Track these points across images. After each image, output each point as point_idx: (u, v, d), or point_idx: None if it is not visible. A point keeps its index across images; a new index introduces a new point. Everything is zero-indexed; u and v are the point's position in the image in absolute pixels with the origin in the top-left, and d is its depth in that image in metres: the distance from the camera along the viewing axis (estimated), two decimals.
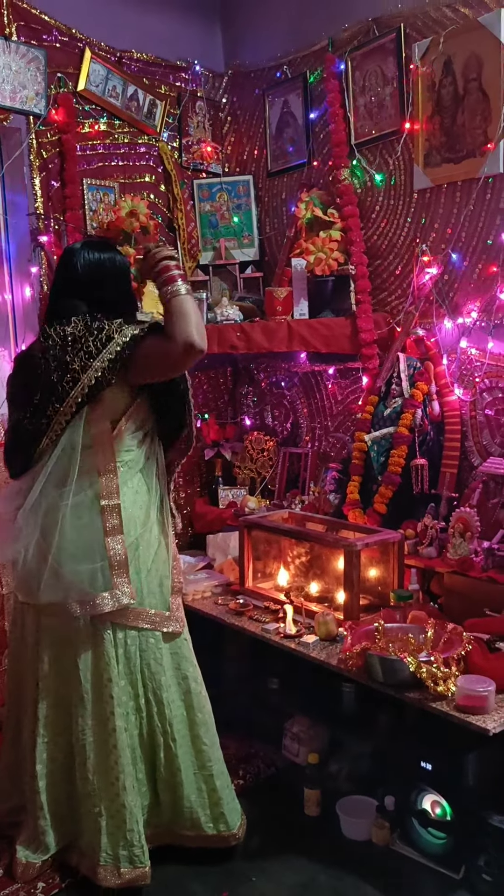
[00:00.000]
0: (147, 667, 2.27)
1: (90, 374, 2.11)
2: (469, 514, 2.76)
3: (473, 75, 2.90)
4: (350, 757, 2.71)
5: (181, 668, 2.34)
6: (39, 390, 2.16)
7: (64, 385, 2.13)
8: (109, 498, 2.20)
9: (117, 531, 2.20)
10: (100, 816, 2.20)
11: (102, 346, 2.11)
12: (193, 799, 2.31)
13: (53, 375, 2.14)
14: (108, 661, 2.20)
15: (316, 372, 3.71)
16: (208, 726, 2.37)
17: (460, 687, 2.16)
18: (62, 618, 2.22)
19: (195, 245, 3.88)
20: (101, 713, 2.20)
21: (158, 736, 2.28)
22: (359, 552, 2.71)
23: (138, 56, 3.71)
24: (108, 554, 2.19)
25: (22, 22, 3.27)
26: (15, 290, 3.43)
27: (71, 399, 2.13)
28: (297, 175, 3.73)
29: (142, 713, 2.27)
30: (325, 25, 3.45)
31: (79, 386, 2.12)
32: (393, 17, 3.16)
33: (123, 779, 2.19)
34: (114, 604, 2.18)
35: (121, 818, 2.19)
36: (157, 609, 2.29)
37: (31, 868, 2.27)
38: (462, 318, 3.01)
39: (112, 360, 2.11)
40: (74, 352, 2.12)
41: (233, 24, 4.01)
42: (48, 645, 2.25)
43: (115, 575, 2.19)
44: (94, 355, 2.11)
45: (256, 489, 3.80)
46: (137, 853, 2.19)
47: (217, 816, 2.34)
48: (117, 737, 2.19)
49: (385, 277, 3.35)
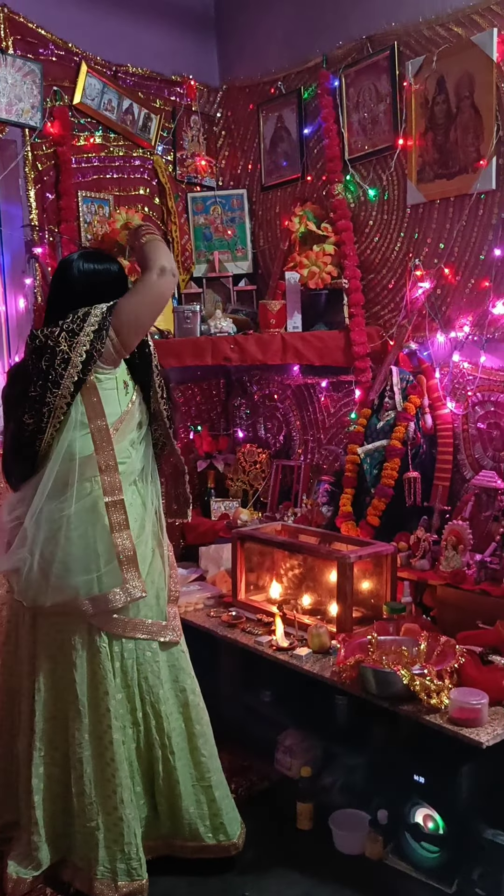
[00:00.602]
0: (144, 679, 2.26)
1: (79, 349, 2.14)
2: (461, 526, 2.77)
3: (466, 93, 2.93)
4: (343, 770, 2.70)
5: (179, 679, 2.34)
6: (33, 382, 2.16)
7: (56, 368, 2.13)
8: (113, 494, 2.19)
9: (124, 526, 2.19)
10: (97, 830, 2.18)
11: (82, 321, 2.16)
12: (192, 811, 2.30)
13: (43, 363, 2.15)
14: (105, 673, 2.19)
15: (309, 384, 3.73)
16: (207, 738, 2.36)
17: (453, 700, 2.16)
18: (59, 629, 2.21)
19: (189, 257, 3.90)
20: (98, 726, 2.19)
21: (157, 749, 2.27)
22: (352, 564, 2.71)
23: (134, 70, 3.74)
24: (116, 550, 2.18)
25: (18, 35, 3.29)
26: (9, 301, 3.44)
27: (66, 380, 2.14)
28: (290, 189, 3.76)
29: (139, 726, 2.26)
30: (319, 42, 3.49)
31: (71, 364, 2.13)
32: (387, 34, 3.21)
33: (121, 792, 2.17)
34: (126, 598, 2.17)
35: (118, 831, 2.17)
36: (153, 619, 2.29)
37: (23, 884, 2.24)
38: (454, 332, 3.03)
39: (96, 331, 2.15)
40: (59, 337, 2.15)
41: (228, 40, 4.05)
42: (45, 658, 2.23)
43: (125, 570, 2.18)
44: (76, 332, 2.15)
45: (249, 501, 3.80)
46: (135, 866, 2.18)
47: (217, 827, 2.33)
48: (114, 750, 2.17)
49: (378, 291, 3.38)
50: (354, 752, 2.69)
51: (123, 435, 2.26)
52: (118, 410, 2.26)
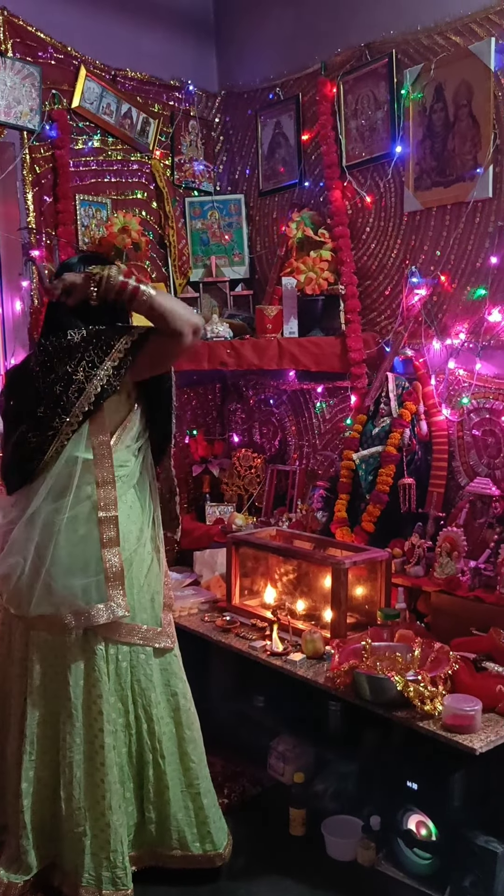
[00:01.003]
0: (137, 683, 2.25)
1: (95, 382, 2.12)
2: (456, 533, 2.78)
3: (464, 102, 2.95)
4: (336, 776, 2.70)
5: (171, 684, 2.33)
6: (42, 403, 2.16)
7: (69, 396, 2.13)
8: (107, 510, 2.19)
9: (114, 543, 2.19)
10: (84, 836, 2.17)
11: (104, 353, 2.13)
12: (180, 818, 2.29)
13: (56, 387, 2.14)
14: (100, 676, 2.18)
15: (304, 390, 3.73)
16: (196, 744, 2.35)
17: (447, 706, 2.16)
18: (53, 631, 2.20)
19: (186, 262, 3.90)
20: (90, 730, 2.18)
21: (147, 753, 2.26)
22: (346, 570, 2.72)
23: (133, 74, 3.75)
24: (104, 566, 2.17)
25: (18, 38, 3.30)
26: (5, 304, 3.44)
27: (77, 409, 2.13)
28: (288, 195, 3.77)
29: (131, 730, 2.26)
30: (318, 49, 3.50)
31: (84, 395, 2.12)
32: (385, 42, 3.22)
33: (110, 797, 2.16)
34: (108, 615, 2.17)
35: (105, 838, 2.16)
36: (148, 625, 2.28)
37: (13, 888, 2.22)
38: (450, 339, 3.04)
39: (116, 368, 2.13)
40: (76, 362, 2.13)
41: (227, 45, 4.06)
42: (38, 660, 2.22)
43: (111, 587, 2.18)
44: (96, 364, 2.13)
45: (244, 506, 3.80)
46: (120, 875, 2.17)
47: (204, 835, 2.32)
48: (105, 754, 2.16)
49: (375, 298, 3.39)
50: (347, 759, 2.69)
51: (124, 443, 2.26)
52: (119, 419, 2.26)
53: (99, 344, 2.14)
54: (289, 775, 2.76)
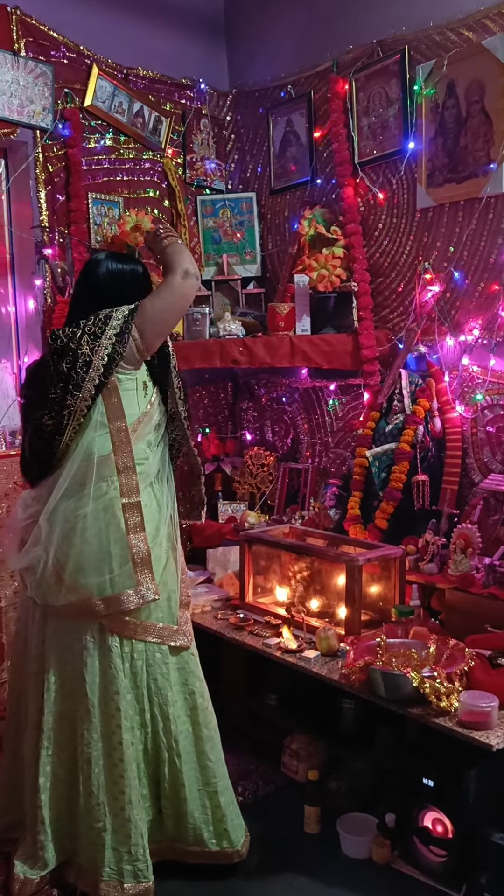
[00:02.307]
0: (154, 681, 2.25)
1: (101, 352, 2.14)
2: (470, 530, 2.77)
3: (476, 98, 2.94)
4: (350, 774, 2.69)
5: (188, 683, 2.32)
6: (53, 385, 2.16)
7: (78, 371, 2.14)
8: (130, 496, 2.19)
9: (139, 528, 2.19)
10: (104, 831, 2.17)
11: (104, 324, 2.16)
12: (197, 815, 2.29)
13: (64, 365, 2.15)
14: (116, 673, 2.18)
15: (317, 388, 3.73)
16: (214, 742, 2.34)
17: (463, 702, 2.15)
18: (70, 627, 2.20)
19: (198, 260, 3.90)
20: (107, 726, 2.18)
21: (164, 751, 2.26)
22: (360, 567, 2.71)
23: (144, 73, 3.75)
24: (130, 552, 2.17)
25: (30, 38, 3.31)
26: (19, 302, 3.45)
27: (88, 382, 2.14)
28: (299, 192, 3.77)
29: (147, 728, 2.25)
30: (329, 46, 3.50)
31: (93, 367, 2.13)
32: (397, 39, 3.21)
33: (129, 793, 2.16)
34: (138, 600, 2.17)
35: (125, 832, 2.16)
36: (164, 623, 2.28)
37: (29, 884, 2.23)
38: (464, 335, 3.03)
39: (118, 335, 2.15)
40: (78, 338, 2.15)
41: (238, 44, 4.06)
42: (54, 657, 2.22)
43: (139, 572, 2.18)
44: (98, 335, 2.15)
45: (256, 504, 3.80)
46: (142, 868, 2.17)
47: (221, 833, 2.32)
48: (123, 750, 2.16)
49: (387, 295, 3.38)
50: (361, 756, 2.68)
51: (142, 436, 2.26)
52: (137, 411, 2.26)
53: (98, 318, 2.18)
54: (303, 773, 2.76)
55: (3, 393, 3.33)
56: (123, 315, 2.18)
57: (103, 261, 2.31)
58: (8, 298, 3.47)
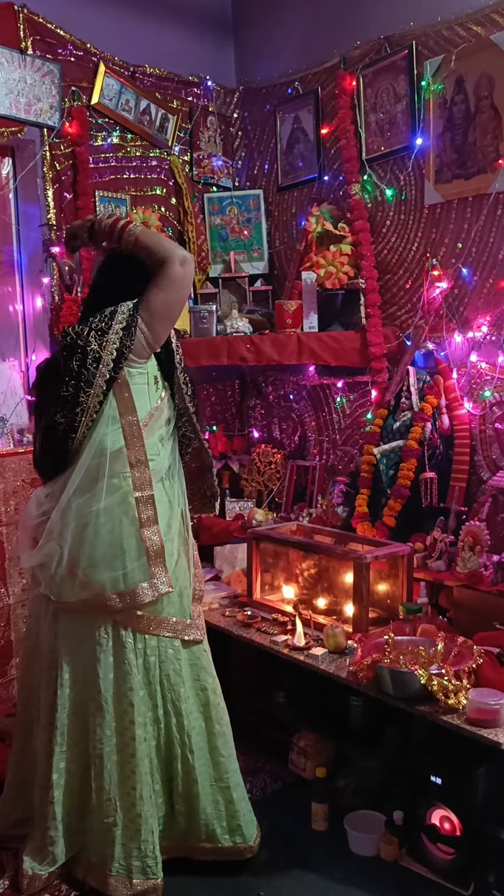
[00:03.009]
0: (166, 677, 2.25)
1: (110, 347, 2.13)
2: (479, 527, 2.76)
3: (485, 93, 2.93)
4: (358, 771, 2.69)
5: (200, 679, 2.32)
6: (64, 383, 2.16)
7: (88, 367, 2.13)
8: (143, 489, 2.19)
9: (152, 521, 2.19)
10: (114, 826, 2.17)
11: (111, 319, 2.15)
12: (210, 811, 2.29)
13: (74, 363, 2.14)
14: (129, 668, 2.18)
15: (324, 385, 3.72)
16: (226, 738, 2.35)
17: (472, 700, 2.15)
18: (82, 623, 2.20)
19: (205, 258, 3.90)
20: (121, 722, 2.18)
21: (176, 747, 2.26)
22: (368, 564, 2.70)
23: (151, 71, 3.75)
24: (144, 545, 2.18)
25: (38, 36, 3.31)
26: (26, 300, 3.45)
27: (98, 378, 2.14)
28: (307, 190, 3.76)
29: (160, 724, 2.25)
30: (336, 43, 3.49)
31: (102, 363, 2.13)
32: (405, 35, 3.20)
33: (140, 788, 2.16)
34: (153, 593, 2.18)
35: (136, 828, 2.17)
36: (177, 617, 2.27)
37: (38, 880, 2.23)
38: (472, 332, 3.02)
39: (125, 328, 2.15)
40: (88, 336, 2.14)
41: (245, 41, 4.06)
42: (66, 653, 2.22)
43: (153, 565, 2.18)
44: (105, 331, 2.14)
45: (264, 502, 3.80)
46: (151, 864, 2.17)
47: (234, 828, 2.32)
48: (136, 746, 2.16)
49: (395, 292, 3.37)
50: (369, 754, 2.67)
51: (153, 430, 2.26)
52: (148, 406, 2.26)
53: (104, 315, 2.17)
54: (310, 770, 2.75)
55: (11, 391, 3.34)
56: (128, 308, 2.17)
57: (118, 258, 2.30)
58: (16, 296, 3.48)
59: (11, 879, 2.29)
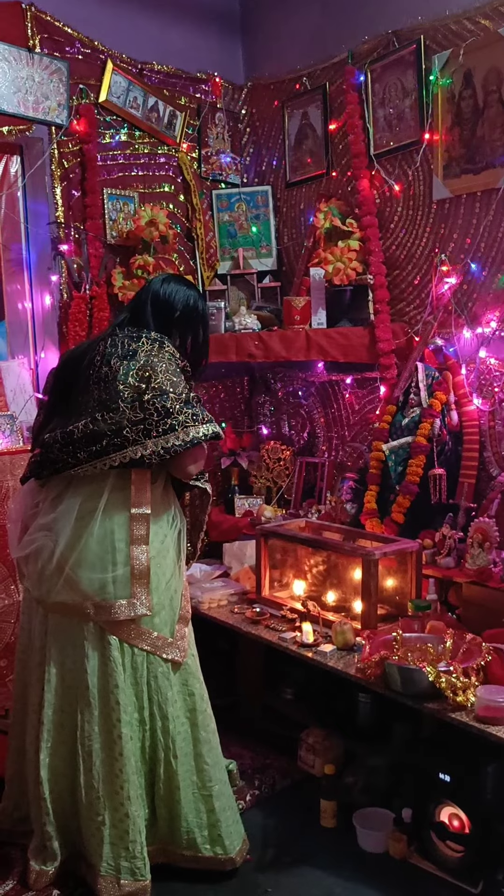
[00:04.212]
0: (154, 679, 2.22)
1: (139, 450, 2.13)
2: (488, 524, 2.74)
3: (494, 87, 2.91)
4: (366, 768, 2.69)
5: (188, 684, 2.30)
6: (130, 426, 2.14)
7: (109, 435, 2.13)
8: (139, 506, 2.19)
9: (143, 541, 2.19)
10: (102, 825, 2.16)
11: (163, 431, 2.14)
12: (191, 819, 2.26)
13: (95, 421, 2.15)
14: (115, 666, 2.16)
15: (333, 381, 3.71)
16: (212, 745, 2.32)
17: (480, 697, 2.14)
18: (69, 616, 2.20)
19: (213, 254, 3.90)
20: (108, 720, 2.16)
21: (160, 751, 2.23)
22: (376, 561, 2.70)
23: (159, 68, 3.74)
24: (131, 563, 2.17)
25: (45, 34, 3.31)
26: (35, 298, 3.46)
27: (108, 460, 2.14)
28: (315, 185, 3.75)
29: (145, 726, 2.23)
30: (344, 38, 3.48)
31: (121, 452, 2.13)
32: (413, 29, 3.18)
33: (128, 788, 2.15)
34: (129, 612, 2.16)
35: (124, 828, 2.15)
36: (159, 633, 2.25)
37: (44, 875, 2.24)
38: (481, 327, 3.00)
39: (160, 455, 2.14)
40: (134, 408, 2.13)
41: (253, 37, 4.04)
42: (56, 649, 2.22)
43: (136, 584, 2.17)
44: (150, 434, 2.13)
45: (273, 498, 3.79)
46: (139, 865, 2.16)
47: (214, 838, 2.29)
48: (123, 744, 2.15)
49: (403, 287, 3.35)
50: (378, 750, 2.67)
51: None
52: None
53: (164, 418, 2.14)
54: (319, 767, 2.75)
55: (21, 388, 3.34)
56: (176, 445, 2.15)
57: (159, 282, 2.34)
58: (24, 294, 3.48)
59: (20, 875, 2.31)
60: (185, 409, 2.16)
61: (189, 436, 2.15)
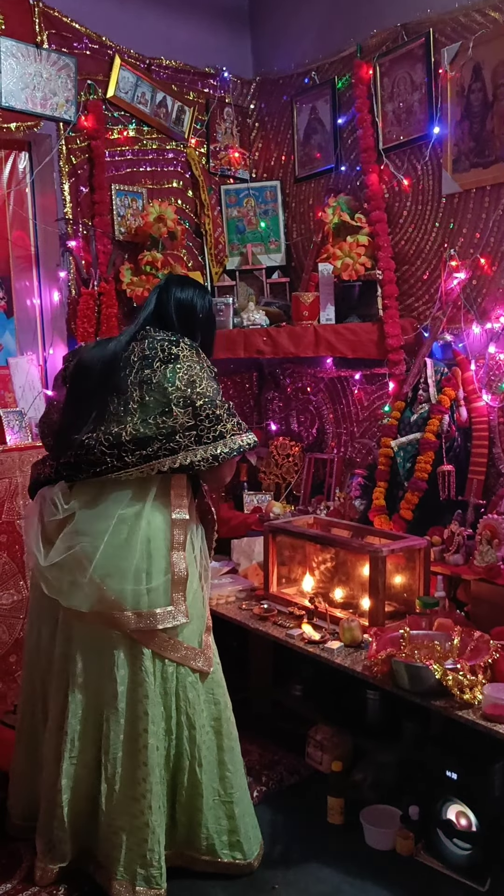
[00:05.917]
0: (183, 689, 2.21)
1: (189, 456, 2.14)
2: (497, 520, 2.72)
3: (503, 80, 2.88)
4: (374, 765, 2.68)
5: (214, 693, 2.30)
6: (183, 433, 2.14)
7: (161, 440, 2.12)
8: (180, 511, 2.19)
9: (182, 547, 2.18)
10: (122, 831, 2.15)
11: (213, 439, 2.15)
12: (211, 826, 2.26)
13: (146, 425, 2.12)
14: (146, 676, 2.14)
15: (342, 377, 3.70)
16: (234, 753, 2.32)
17: (487, 695, 2.13)
18: (101, 628, 2.16)
19: (222, 250, 3.89)
20: (134, 729, 2.15)
21: (185, 759, 2.23)
22: (385, 558, 2.69)
23: (167, 63, 3.74)
24: (172, 570, 2.16)
25: (53, 30, 3.31)
26: (43, 294, 3.46)
27: (157, 465, 2.13)
28: (324, 180, 3.73)
29: (171, 735, 2.21)
30: (353, 31, 3.46)
31: (172, 457, 2.13)
32: (421, 22, 3.16)
33: (150, 798, 2.14)
34: (170, 620, 2.15)
35: (142, 836, 2.14)
36: (189, 644, 2.23)
37: (50, 873, 2.24)
38: (491, 323, 2.98)
39: (209, 462, 2.15)
40: (187, 413, 2.13)
41: (261, 31, 4.03)
42: (80, 658, 2.19)
43: (175, 590, 2.16)
44: (201, 441, 2.15)
45: (281, 495, 3.79)
46: (155, 874, 2.15)
47: (233, 844, 2.29)
48: (147, 754, 2.13)
49: (412, 283, 3.34)
50: (385, 748, 2.67)
51: None
52: None
53: (214, 426, 2.15)
54: (327, 764, 2.75)
55: (30, 385, 3.35)
56: (225, 454, 2.17)
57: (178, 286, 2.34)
58: (33, 291, 3.49)
59: (27, 870, 2.31)
60: (231, 417, 2.19)
61: (235, 444, 2.18)
